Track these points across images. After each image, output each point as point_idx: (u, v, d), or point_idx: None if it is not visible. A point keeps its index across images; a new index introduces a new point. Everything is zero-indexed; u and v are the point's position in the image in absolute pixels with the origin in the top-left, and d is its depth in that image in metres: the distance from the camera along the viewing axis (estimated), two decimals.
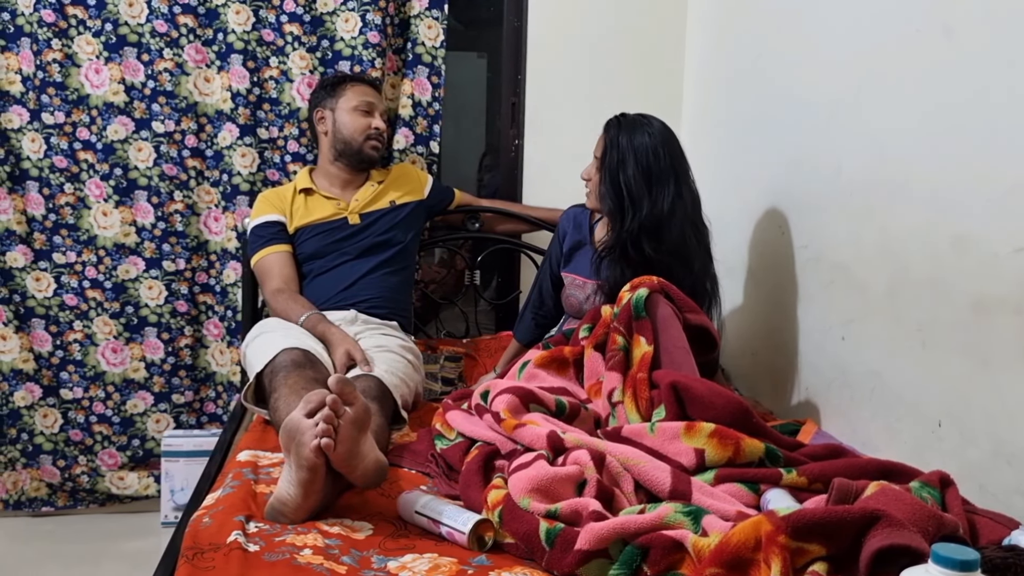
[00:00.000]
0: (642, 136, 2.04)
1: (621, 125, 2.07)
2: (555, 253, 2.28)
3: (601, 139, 2.11)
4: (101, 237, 2.61)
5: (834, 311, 1.97)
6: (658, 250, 2.01)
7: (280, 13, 2.60)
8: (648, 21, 2.83)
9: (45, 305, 2.61)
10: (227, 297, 2.70)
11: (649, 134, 2.04)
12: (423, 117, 2.72)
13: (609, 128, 2.09)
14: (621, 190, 2.03)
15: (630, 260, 2.03)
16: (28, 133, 2.54)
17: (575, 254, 2.23)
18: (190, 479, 2.46)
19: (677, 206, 2.03)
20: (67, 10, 2.51)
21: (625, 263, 2.04)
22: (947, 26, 1.58)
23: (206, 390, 2.77)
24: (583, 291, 2.17)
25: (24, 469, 2.67)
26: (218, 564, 1.23)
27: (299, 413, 1.38)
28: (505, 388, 1.71)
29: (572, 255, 2.24)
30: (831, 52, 2.00)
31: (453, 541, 1.38)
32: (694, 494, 1.38)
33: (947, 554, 0.89)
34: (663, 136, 2.06)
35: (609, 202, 2.05)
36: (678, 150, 2.08)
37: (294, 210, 2.37)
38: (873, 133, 1.82)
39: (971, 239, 1.52)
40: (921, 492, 1.28)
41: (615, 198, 2.04)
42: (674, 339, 1.79)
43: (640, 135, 2.04)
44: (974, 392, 1.52)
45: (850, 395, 1.90)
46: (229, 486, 1.52)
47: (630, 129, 2.05)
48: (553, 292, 2.28)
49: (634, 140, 2.04)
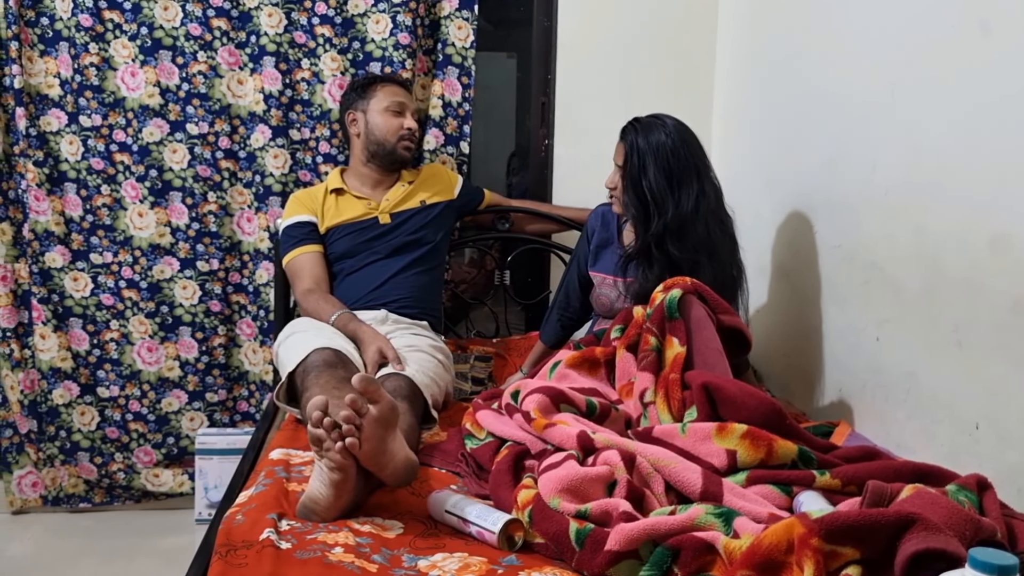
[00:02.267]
0: (659, 136, 2.03)
1: (637, 129, 2.06)
2: (583, 252, 2.27)
3: (619, 146, 2.10)
4: (137, 238, 2.65)
5: (868, 311, 1.94)
6: (683, 249, 2.00)
7: (312, 15, 2.62)
8: (679, 20, 2.81)
9: (83, 305, 2.66)
10: (260, 297, 2.73)
11: (665, 133, 2.03)
12: (453, 117, 2.73)
13: (626, 134, 2.08)
14: (645, 195, 2.02)
15: (655, 262, 2.02)
16: (66, 136, 2.59)
17: (603, 252, 2.22)
18: (223, 477, 2.49)
19: (701, 203, 2.02)
20: (104, 15, 2.55)
21: (649, 265, 2.03)
22: (984, 22, 1.56)
23: (239, 389, 2.80)
24: (614, 290, 2.16)
25: (62, 466, 2.72)
26: (251, 561, 1.24)
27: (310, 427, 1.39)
28: (536, 388, 1.71)
29: (600, 253, 2.23)
30: (865, 50, 1.97)
31: (483, 540, 1.38)
32: (725, 495, 1.37)
33: (985, 559, 0.87)
34: (679, 134, 2.04)
35: (633, 208, 2.05)
36: (696, 145, 2.07)
37: (325, 210, 2.39)
38: (908, 131, 1.79)
39: (1010, 238, 1.49)
40: (958, 496, 1.26)
41: (639, 203, 2.03)
42: (707, 340, 1.78)
43: (657, 135, 2.03)
44: (1012, 394, 1.49)
45: (885, 396, 1.88)
46: (262, 484, 1.53)
47: (646, 132, 2.04)
48: (580, 292, 2.28)
49: (651, 142, 2.02)
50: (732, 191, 2.11)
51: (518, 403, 1.72)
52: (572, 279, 2.30)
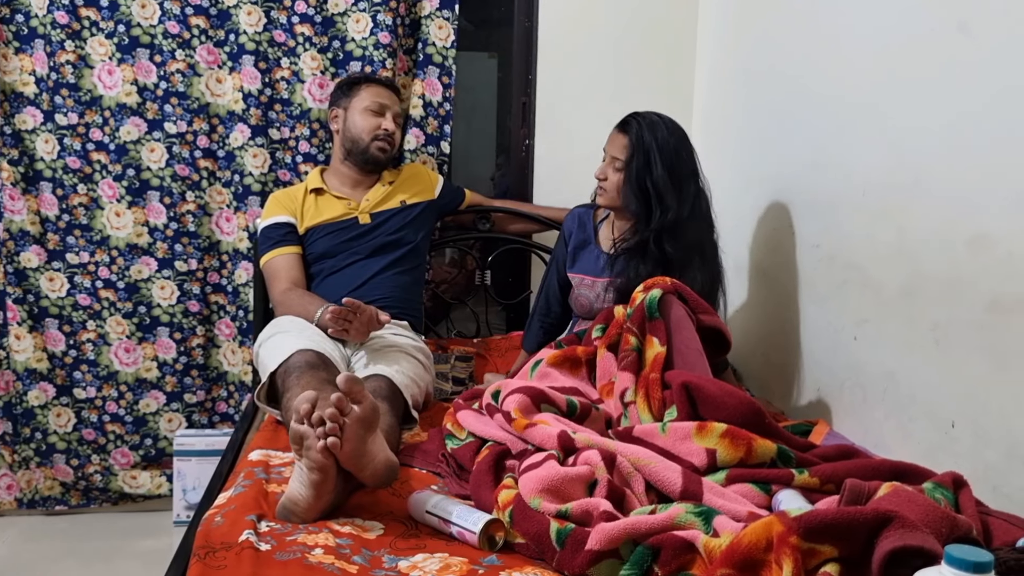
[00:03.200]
0: (663, 133, 2.04)
1: (641, 124, 2.06)
2: (560, 255, 2.27)
3: (619, 138, 2.09)
4: (114, 237, 2.63)
5: (847, 311, 1.96)
6: (677, 248, 2.02)
7: (291, 14, 2.61)
8: (659, 20, 2.82)
9: (59, 305, 2.63)
10: (239, 297, 2.71)
11: (668, 132, 2.05)
12: (434, 117, 2.72)
13: (628, 128, 2.08)
14: (648, 190, 2.03)
15: (648, 257, 2.03)
16: (42, 134, 2.56)
17: (580, 253, 2.23)
18: (202, 478, 2.47)
19: (696, 205, 2.05)
20: (80, 12, 2.53)
21: (642, 260, 2.04)
22: (964, 24, 1.57)
23: (218, 390, 2.78)
24: (592, 290, 2.16)
25: (38, 468, 2.68)
26: (230, 563, 1.23)
27: (294, 423, 1.39)
28: (516, 388, 1.71)
29: (578, 255, 2.23)
30: (845, 51, 1.99)
31: (464, 541, 1.38)
32: (705, 494, 1.38)
33: (961, 556, 0.88)
34: (680, 134, 2.08)
35: (633, 203, 2.05)
36: (691, 147, 2.10)
37: (305, 210, 2.38)
38: (889, 132, 1.81)
39: (988, 238, 1.51)
40: (934, 493, 1.27)
41: (641, 197, 2.04)
42: (687, 340, 1.79)
43: (661, 133, 2.04)
44: (989, 393, 1.51)
45: (863, 395, 1.89)
46: (241, 485, 1.52)
47: (652, 128, 2.05)
48: (560, 296, 2.28)
49: (658, 138, 2.04)
50: (713, 190, 2.13)
51: (499, 403, 1.72)
52: (551, 283, 2.30)
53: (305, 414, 1.38)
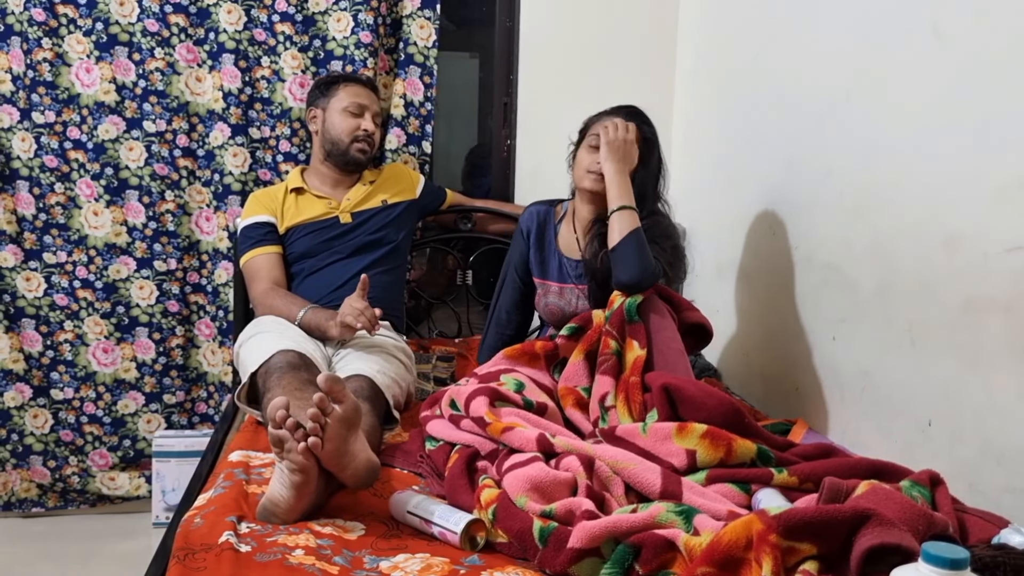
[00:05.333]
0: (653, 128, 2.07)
1: (642, 118, 2.06)
2: (519, 256, 2.20)
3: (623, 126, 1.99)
4: (92, 237, 2.60)
5: (825, 311, 1.97)
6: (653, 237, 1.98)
7: (272, 13, 2.60)
8: (639, 22, 2.83)
9: (35, 305, 2.60)
10: (219, 297, 2.70)
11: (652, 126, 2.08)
12: (415, 117, 2.72)
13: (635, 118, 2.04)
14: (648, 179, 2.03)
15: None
16: (18, 132, 2.53)
17: (543, 256, 2.17)
18: (181, 479, 2.46)
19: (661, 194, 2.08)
20: (58, 9, 2.50)
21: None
22: (936, 27, 1.59)
23: (197, 390, 2.76)
24: (562, 298, 2.14)
25: (14, 470, 2.66)
26: (210, 564, 1.23)
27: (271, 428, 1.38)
28: (473, 391, 1.70)
29: (541, 258, 2.18)
30: (821, 54, 2.01)
31: (445, 541, 1.38)
32: (685, 494, 1.38)
33: (937, 553, 0.89)
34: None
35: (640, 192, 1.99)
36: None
37: (285, 210, 2.37)
38: (864, 134, 1.82)
39: (961, 239, 1.53)
40: (911, 491, 1.29)
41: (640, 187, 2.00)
42: (667, 340, 1.80)
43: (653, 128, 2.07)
44: (963, 391, 1.53)
45: (840, 395, 1.91)
46: (221, 486, 1.52)
47: (649, 123, 2.07)
48: (521, 303, 2.23)
49: (655, 133, 2.07)
50: (692, 192, 2.14)
51: (461, 410, 1.71)
52: (508, 290, 2.23)
53: (281, 420, 1.37)
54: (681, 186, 2.71)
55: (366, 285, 1.98)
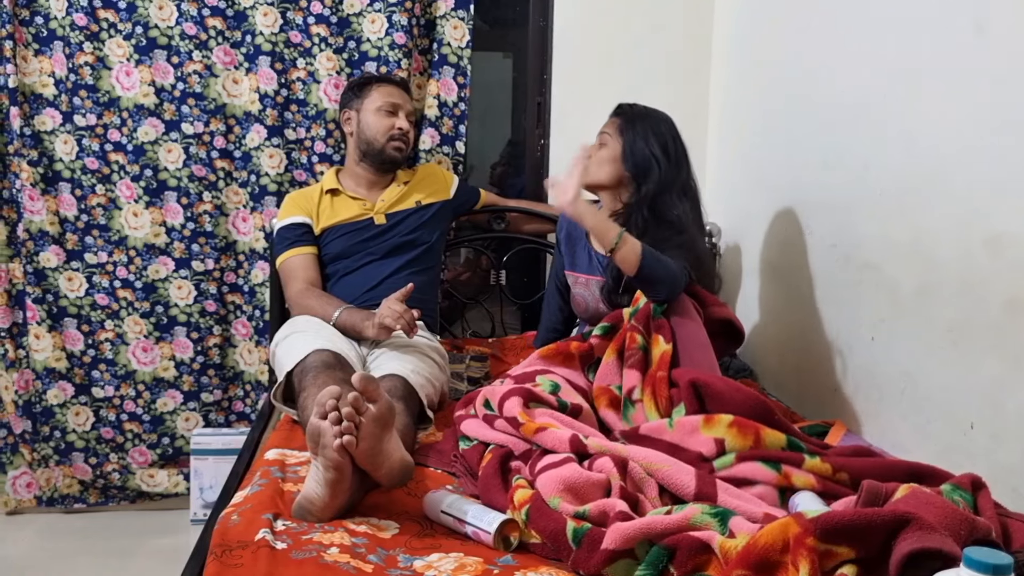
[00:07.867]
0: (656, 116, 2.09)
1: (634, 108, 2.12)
2: (558, 257, 2.28)
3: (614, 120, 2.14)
4: (132, 237, 2.65)
5: (863, 311, 1.95)
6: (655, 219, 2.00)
7: (307, 15, 2.62)
8: (673, 20, 2.81)
9: (77, 305, 2.65)
10: (255, 297, 2.73)
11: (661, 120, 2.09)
12: (449, 117, 2.72)
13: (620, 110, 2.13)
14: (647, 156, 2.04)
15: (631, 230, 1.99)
16: (61, 135, 2.58)
17: (575, 250, 2.22)
18: (219, 477, 2.48)
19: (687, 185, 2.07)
20: (98, 14, 2.55)
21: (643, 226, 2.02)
22: (978, 22, 1.56)
23: (234, 389, 2.79)
24: (587, 289, 2.15)
25: (57, 466, 2.71)
26: (246, 561, 1.24)
27: (315, 417, 1.39)
28: (508, 392, 1.71)
29: (572, 252, 2.22)
30: (859, 51, 1.98)
31: (479, 541, 1.38)
32: (720, 495, 1.37)
33: (980, 558, 0.88)
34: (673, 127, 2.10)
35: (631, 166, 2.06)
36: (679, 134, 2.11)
37: (320, 211, 2.39)
38: (903, 131, 1.80)
39: (1005, 238, 1.50)
40: (952, 495, 1.26)
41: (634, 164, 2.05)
42: (693, 336, 1.79)
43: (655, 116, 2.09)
44: (1006, 394, 1.49)
45: (879, 396, 1.88)
46: (257, 484, 1.53)
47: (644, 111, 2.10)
48: (561, 300, 2.28)
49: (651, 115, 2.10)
50: (727, 190, 2.12)
51: (495, 410, 1.71)
52: (551, 288, 2.31)
53: (330, 409, 1.38)
54: (716, 185, 2.69)
55: (409, 293, 2.00)
